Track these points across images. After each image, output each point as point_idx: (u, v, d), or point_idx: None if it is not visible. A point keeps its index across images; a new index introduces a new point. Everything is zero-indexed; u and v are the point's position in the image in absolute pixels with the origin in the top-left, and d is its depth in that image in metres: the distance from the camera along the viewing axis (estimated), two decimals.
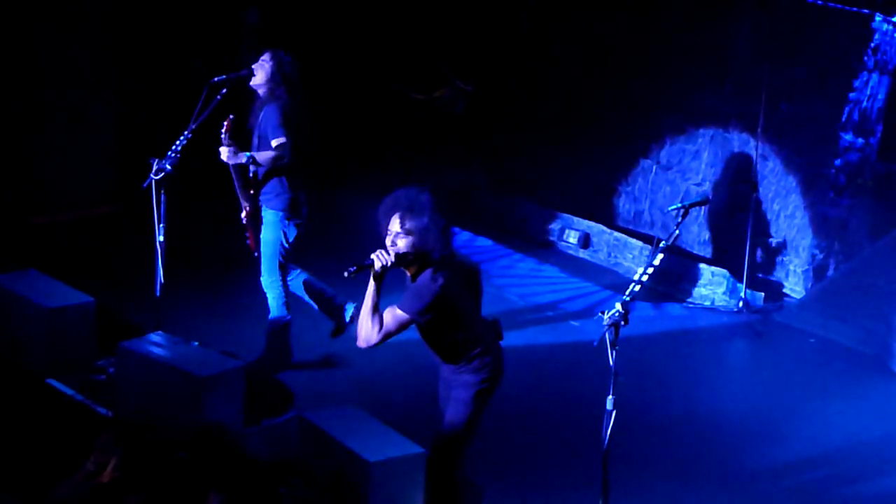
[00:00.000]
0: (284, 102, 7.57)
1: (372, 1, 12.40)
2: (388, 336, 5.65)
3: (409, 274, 5.72)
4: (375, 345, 5.66)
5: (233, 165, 7.60)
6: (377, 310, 5.63)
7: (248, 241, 7.86)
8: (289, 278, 7.86)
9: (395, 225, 5.62)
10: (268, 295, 7.83)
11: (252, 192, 7.69)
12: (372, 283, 5.60)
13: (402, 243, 5.60)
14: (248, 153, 7.53)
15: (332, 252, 9.81)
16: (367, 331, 5.64)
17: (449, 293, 5.61)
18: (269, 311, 7.88)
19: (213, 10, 11.36)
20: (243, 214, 7.73)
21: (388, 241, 5.64)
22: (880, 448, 7.60)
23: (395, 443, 6.16)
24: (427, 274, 5.62)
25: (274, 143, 7.52)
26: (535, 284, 10.04)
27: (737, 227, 10.16)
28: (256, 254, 7.86)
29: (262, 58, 7.64)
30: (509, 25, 11.94)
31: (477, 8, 12.11)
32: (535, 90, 11.67)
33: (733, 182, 10.29)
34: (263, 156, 7.53)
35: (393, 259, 5.57)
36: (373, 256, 5.56)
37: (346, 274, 5.55)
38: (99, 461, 5.54)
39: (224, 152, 7.46)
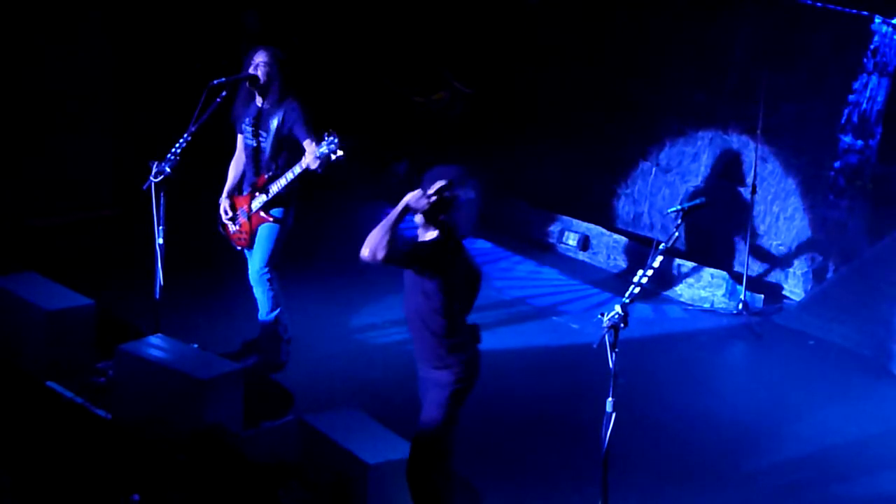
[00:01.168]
0: (301, 101, 7.57)
1: (371, 4, 12.40)
2: (392, 258, 5.60)
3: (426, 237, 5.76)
4: (380, 260, 5.59)
5: (252, 164, 7.70)
6: (394, 233, 5.60)
7: (242, 235, 7.83)
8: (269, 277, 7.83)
9: (436, 188, 5.69)
10: (256, 290, 7.79)
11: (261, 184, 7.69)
12: (401, 207, 5.63)
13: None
14: (292, 173, 7.50)
15: (330, 255, 9.84)
16: (377, 243, 5.57)
17: (452, 270, 5.69)
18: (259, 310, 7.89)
19: (213, 14, 11.37)
20: (252, 207, 7.71)
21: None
22: (879, 449, 7.60)
23: (395, 445, 6.16)
24: (441, 238, 5.70)
25: (308, 144, 7.51)
26: (534, 286, 10.03)
27: (736, 230, 10.16)
28: (239, 248, 7.88)
29: (260, 59, 7.60)
30: (510, 29, 11.94)
31: (476, 11, 12.12)
32: (535, 92, 11.68)
33: (732, 184, 10.29)
34: (315, 163, 7.50)
35: (433, 200, 5.64)
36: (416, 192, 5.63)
37: (393, 165, 5.61)
38: None
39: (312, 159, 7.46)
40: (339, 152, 7.29)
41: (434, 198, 5.67)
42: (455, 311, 5.79)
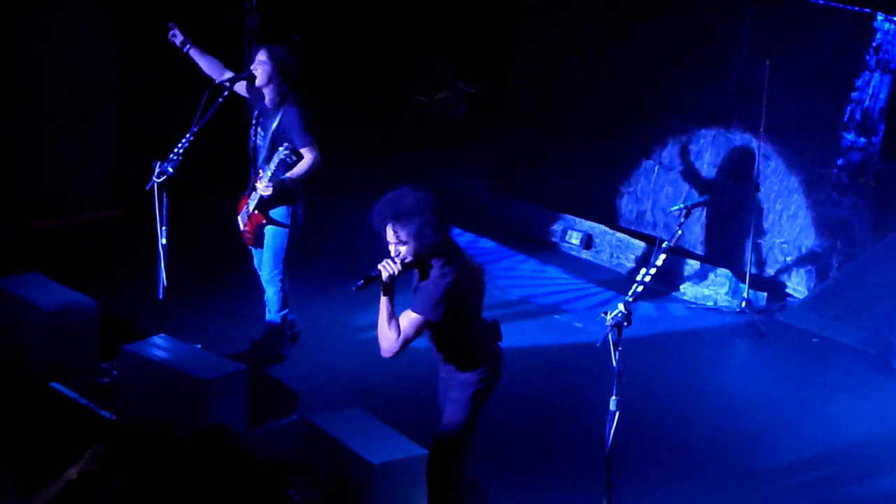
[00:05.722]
0: (302, 103, 7.56)
1: (374, 4, 12.40)
2: (407, 342, 5.62)
3: (417, 273, 5.71)
4: (397, 353, 5.63)
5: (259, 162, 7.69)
6: (393, 317, 5.60)
7: (247, 234, 7.83)
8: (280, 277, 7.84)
9: (390, 235, 5.59)
10: (268, 290, 7.82)
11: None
12: (383, 296, 5.59)
13: (403, 250, 5.58)
14: (285, 176, 7.51)
15: (332, 255, 9.85)
16: (387, 341, 5.61)
17: (458, 288, 5.60)
18: (267, 310, 7.89)
19: (214, 14, 11.37)
20: (250, 207, 7.70)
21: (391, 249, 5.61)
22: (883, 448, 7.60)
23: (399, 445, 6.16)
24: (436, 270, 5.62)
25: (305, 151, 7.51)
26: (537, 285, 10.03)
27: (739, 228, 10.16)
28: (251, 247, 7.88)
29: (259, 58, 7.60)
30: (511, 27, 11.94)
31: (478, 10, 12.12)
32: (538, 91, 11.67)
33: (735, 182, 10.29)
34: (300, 170, 7.51)
35: (399, 268, 5.55)
36: (379, 267, 5.53)
37: (354, 288, 5.54)
38: (82, 469, 5.53)
39: (263, 187, 7.47)
40: (293, 157, 7.38)
41: (399, 257, 5.56)
42: (466, 321, 5.76)
